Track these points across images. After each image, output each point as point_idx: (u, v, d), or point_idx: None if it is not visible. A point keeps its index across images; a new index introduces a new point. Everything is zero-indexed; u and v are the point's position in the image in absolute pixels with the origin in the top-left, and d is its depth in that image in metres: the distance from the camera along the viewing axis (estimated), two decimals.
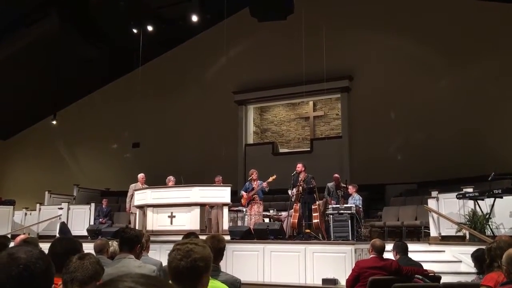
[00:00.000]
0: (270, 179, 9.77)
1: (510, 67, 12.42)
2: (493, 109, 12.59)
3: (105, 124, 17.80)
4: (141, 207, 10.01)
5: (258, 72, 15.84)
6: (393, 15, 14.19)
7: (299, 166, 9.61)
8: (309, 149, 15.57)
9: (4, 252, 1.38)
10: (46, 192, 14.29)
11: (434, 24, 13.51)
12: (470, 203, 8.78)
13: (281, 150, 16.54)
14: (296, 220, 9.15)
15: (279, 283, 7.81)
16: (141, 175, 11.03)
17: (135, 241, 3.37)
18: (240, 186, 13.95)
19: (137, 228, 9.57)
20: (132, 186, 10.97)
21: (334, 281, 7.29)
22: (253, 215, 9.72)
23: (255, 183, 9.89)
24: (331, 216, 8.67)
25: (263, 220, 9.98)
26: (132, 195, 10.66)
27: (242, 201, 10.07)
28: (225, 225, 9.30)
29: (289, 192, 9.70)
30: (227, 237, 8.30)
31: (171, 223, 9.29)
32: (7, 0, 12.80)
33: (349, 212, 8.52)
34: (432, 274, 5.21)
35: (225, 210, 9.41)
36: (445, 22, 13.43)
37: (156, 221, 9.52)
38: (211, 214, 9.79)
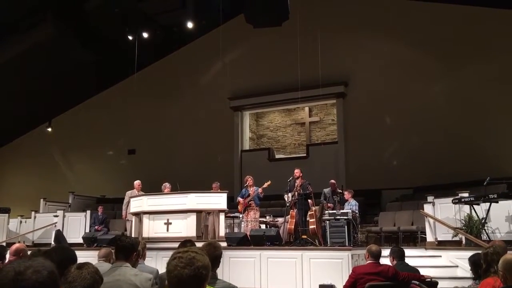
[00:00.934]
0: (265, 185, 9.78)
1: (505, 72, 12.50)
2: (488, 114, 12.65)
3: (100, 130, 17.76)
4: (137, 214, 9.97)
5: (254, 78, 15.87)
6: (389, 21, 14.27)
7: (297, 172, 9.63)
8: (305, 154, 15.58)
9: (12, 268, 1.35)
10: (41, 200, 14.22)
11: (429, 29, 13.59)
12: (466, 208, 8.80)
13: (277, 156, 16.55)
14: (293, 226, 9.15)
15: None
16: (137, 182, 11.00)
17: (130, 249, 3.35)
18: (236, 192, 13.95)
19: (133, 235, 9.54)
20: (128, 193, 10.93)
21: (331, 287, 7.28)
22: (250, 221, 9.71)
23: (251, 189, 9.89)
24: (327, 221, 8.68)
25: (260, 226, 9.96)
26: (128, 202, 10.62)
27: (239, 207, 10.07)
28: (222, 231, 9.27)
29: (285, 197, 9.71)
30: (224, 244, 8.27)
31: (167, 230, 9.25)
32: (2, 6, 12.77)
33: (346, 217, 8.52)
34: (429, 280, 5.21)
35: (222, 216, 9.39)
36: (440, 28, 13.51)
37: (152, 228, 9.48)
38: (207, 221, 9.76)
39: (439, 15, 13.65)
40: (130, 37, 14.45)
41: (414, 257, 8.04)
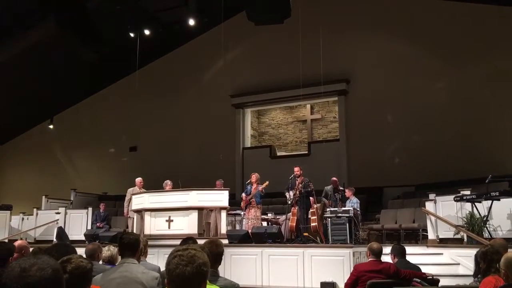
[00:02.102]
0: (264, 185, 9.76)
1: (507, 70, 12.47)
2: (490, 112, 12.62)
3: (102, 128, 17.78)
4: (139, 211, 9.99)
5: (256, 75, 15.86)
6: (390, 18, 14.23)
7: (297, 170, 9.62)
8: (306, 152, 15.58)
9: (18, 264, 1.36)
10: (43, 197, 14.27)
11: (431, 26, 13.56)
12: (468, 206, 8.79)
13: (279, 154, 16.55)
14: (294, 224, 9.15)
15: (277, 287, 7.80)
16: (138, 179, 11.01)
17: (136, 245, 3.35)
18: (238, 190, 13.99)
19: (135, 232, 9.56)
20: (130, 190, 10.95)
21: (332, 285, 7.28)
22: (250, 219, 9.71)
23: (254, 186, 9.87)
24: (329, 219, 8.68)
25: (262, 224, 9.97)
26: (130, 199, 10.64)
27: (242, 203, 10.07)
28: (223, 229, 9.29)
29: (286, 194, 9.71)
30: (225, 241, 8.29)
31: (169, 227, 9.28)
32: (4, 3, 12.78)
33: (347, 215, 8.52)
34: (430, 277, 5.20)
35: (223, 214, 9.40)
36: (442, 25, 13.48)
37: (154, 225, 9.50)
38: (209, 218, 9.78)
39: (442, 13, 13.61)
40: (132, 35, 14.44)
41: (415, 254, 8.04)
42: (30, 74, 15.63)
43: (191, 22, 14.21)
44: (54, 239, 11.39)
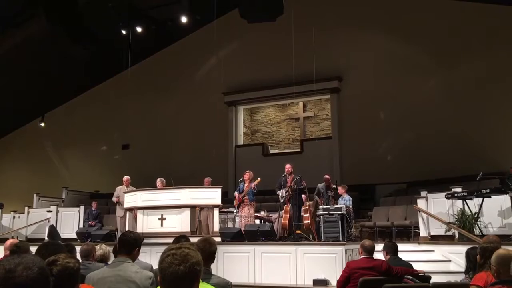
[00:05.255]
0: (256, 182, 9.76)
1: (498, 68, 12.55)
2: (481, 109, 12.70)
3: (94, 125, 17.67)
4: (131, 209, 9.95)
5: (248, 73, 15.84)
6: (383, 16, 14.27)
7: (288, 168, 9.63)
8: (299, 150, 15.60)
9: (2, 265, 1.34)
10: (35, 195, 14.18)
11: (423, 25, 13.61)
12: (459, 203, 8.86)
13: (272, 151, 16.55)
14: (287, 221, 9.18)
15: (270, 284, 7.82)
16: (125, 178, 10.96)
17: (133, 244, 3.31)
18: (230, 188, 13.99)
19: (126, 229, 9.52)
20: (118, 188, 10.90)
21: (325, 282, 7.32)
22: (244, 217, 9.71)
23: (246, 184, 9.86)
24: (321, 216, 8.71)
25: (255, 222, 9.97)
26: (118, 197, 10.62)
27: (235, 202, 10.08)
28: (216, 226, 9.29)
29: (278, 193, 9.71)
30: (218, 239, 8.29)
31: (162, 225, 9.25)
32: None
33: (340, 212, 8.55)
34: (422, 274, 5.24)
35: (216, 211, 9.39)
36: (434, 23, 13.54)
37: (146, 223, 9.47)
38: (200, 216, 9.76)
39: (434, 11, 13.66)
40: (124, 32, 14.34)
41: (407, 251, 8.09)
42: (20, 72, 15.48)
43: (184, 19, 14.14)
44: (46, 238, 11.32)
